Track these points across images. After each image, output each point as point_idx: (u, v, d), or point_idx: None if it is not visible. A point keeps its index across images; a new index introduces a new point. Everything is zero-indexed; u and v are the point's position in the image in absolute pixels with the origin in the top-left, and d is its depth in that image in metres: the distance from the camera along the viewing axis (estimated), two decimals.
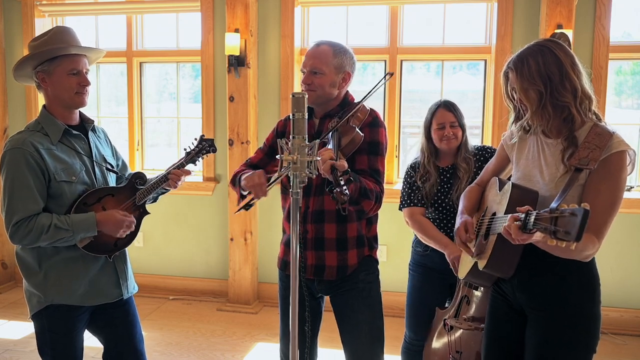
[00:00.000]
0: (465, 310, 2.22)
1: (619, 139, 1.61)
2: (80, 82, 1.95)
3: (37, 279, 1.96)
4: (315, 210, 2.01)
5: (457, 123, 2.36)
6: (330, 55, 2.00)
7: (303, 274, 2.03)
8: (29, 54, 1.94)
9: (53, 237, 1.85)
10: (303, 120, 1.54)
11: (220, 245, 4.24)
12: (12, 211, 1.85)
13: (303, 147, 1.53)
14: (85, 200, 1.95)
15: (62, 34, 1.96)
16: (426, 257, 2.43)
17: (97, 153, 2.08)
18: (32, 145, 1.87)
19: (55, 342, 1.99)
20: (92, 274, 2.00)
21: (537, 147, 1.74)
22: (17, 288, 4.51)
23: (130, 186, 2.09)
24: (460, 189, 2.31)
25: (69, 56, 1.94)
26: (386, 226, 3.93)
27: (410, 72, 4.07)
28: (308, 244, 2.02)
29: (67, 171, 1.93)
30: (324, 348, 3.41)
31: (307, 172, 1.54)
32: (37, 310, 1.97)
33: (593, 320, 1.67)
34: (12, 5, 4.35)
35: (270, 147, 2.18)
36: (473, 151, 2.41)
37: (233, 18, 3.84)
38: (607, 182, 1.58)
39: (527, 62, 1.65)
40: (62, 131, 1.96)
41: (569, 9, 3.40)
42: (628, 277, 3.41)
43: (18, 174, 1.85)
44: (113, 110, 4.63)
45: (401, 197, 2.49)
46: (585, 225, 1.26)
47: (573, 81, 1.62)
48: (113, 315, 2.09)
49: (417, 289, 2.47)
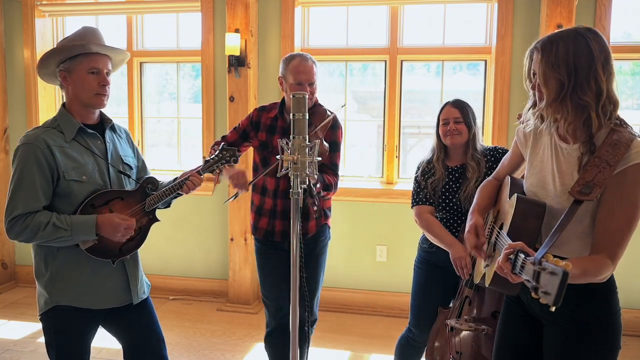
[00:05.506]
0: (467, 312, 2.22)
1: (639, 148, 1.44)
2: (100, 82, 1.93)
3: (44, 279, 1.96)
4: (284, 189, 2.48)
5: (461, 119, 2.35)
6: (315, 68, 2.52)
7: (272, 237, 2.54)
8: (50, 49, 1.95)
9: (50, 235, 1.83)
10: (303, 121, 1.55)
11: (220, 246, 4.24)
12: (12, 206, 1.85)
13: (303, 148, 1.54)
14: (92, 202, 1.93)
15: (86, 33, 1.97)
16: (432, 254, 2.43)
17: (114, 153, 2.05)
18: (44, 142, 1.86)
19: (60, 343, 1.98)
20: (99, 277, 1.98)
21: (551, 150, 1.61)
22: (17, 288, 4.51)
23: (141, 191, 2.04)
24: (469, 189, 2.31)
25: (90, 55, 1.93)
26: (386, 227, 3.95)
27: (410, 72, 4.07)
28: (277, 215, 2.51)
29: (78, 170, 1.91)
30: (324, 348, 3.42)
31: (307, 172, 1.55)
32: (44, 311, 1.97)
33: (611, 332, 1.57)
34: (12, 5, 4.35)
35: (244, 130, 2.64)
36: (484, 152, 2.39)
37: (233, 18, 3.84)
38: (623, 199, 1.44)
39: (556, 46, 1.48)
40: (77, 129, 1.95)
41: (569, 9, 3.40)
42: (628, 278, 3.42)
43: (25, 169, 1.85)
44: (113, 110, 4.63)
45: (412, 196, 2.50)
46: (564, 289, 1.14)
47: (600, 81, 1.46)
48: (127, 318, 2.07)
49: (421, 287, 2.47)
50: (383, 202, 3.91)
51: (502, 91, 3.67)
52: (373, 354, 3.37)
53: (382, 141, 4.05)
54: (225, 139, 2.68)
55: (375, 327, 3.76)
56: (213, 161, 2.13)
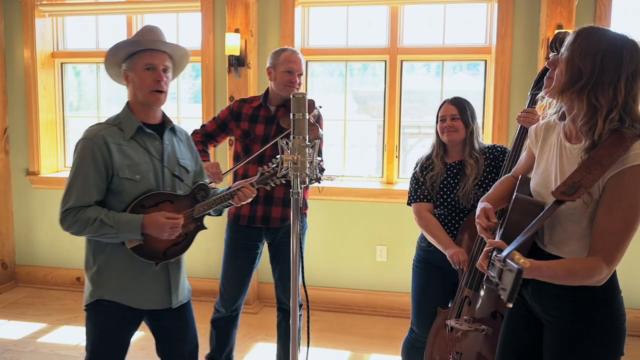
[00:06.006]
0: (467, 312, 2.21)
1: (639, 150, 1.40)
2: (155, 78, 1.94)
3: (91, 272, 1.99)
4: None
5: (458, 116, 2.36)
6: (303, 62, 2.70)
7: (254, 223, 2.68)
8: (108, 50, 1.97)
9: (97, 230, 1.86)
10: (303, 120, 1.55)
11: (220, 245, 4.22)
12: (67, 198, 1.89)
13: (303, 147, 1.54)
14: (142, 202, 1.93)
15: (144, 31, 1.99)
16: (430, 253, 2.43)
17: (171, 155, 2.04)
18: (102, 138, 1.90)
19: (97, 336, 2.00)
20: (142, 277, 1.98)
21: (557, 150, 1.59)
22: (17, 288, 4.51)
23: (192, 196, 2.03)
24: (467, 186, 2.31)
25: (146, 52, 1.94)
26: (386, 227, 3.95)
27: (410, 72, 4.07)
28: (259, 200, 2.64)
29: (132, 169, 1.92)
30: (324, 348, 3.42)
31: (307, 172, 1.55)
32: (87, 303, 2.00)
33: (612, 336, 1.53)
34: (12, 5, 4.35)
35: (223, 121, 2.80)
36: (483, 149, 2.40)
37: (233, 18, 3.84)
38: (620, 201, 1.41)
39: (591, 39, 1.45)
40: (136, 128, 1.96)
41: (569, 9, 3.41)
42: (628, 278, 3.42)
43: (82, 164, 1.89)
44: (113, 110, 4.57)
45: (409, 193, 2.50)
46: (517, 285, 1.14)
47: (617, 92, 1.42)
48: (164, 320, 2.08)
49: (421, 287, 2.47)
50: (383, 202, 3.91)
51: (502, 91, 3.67)
52: (373, 354, 3.37)
53: (382, 141, 4.05)
54: (204, 129, 2.83)
55: (375, 327, 3.76)
56: (269, 174, 2.09)
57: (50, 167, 4.52)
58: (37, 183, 4.44)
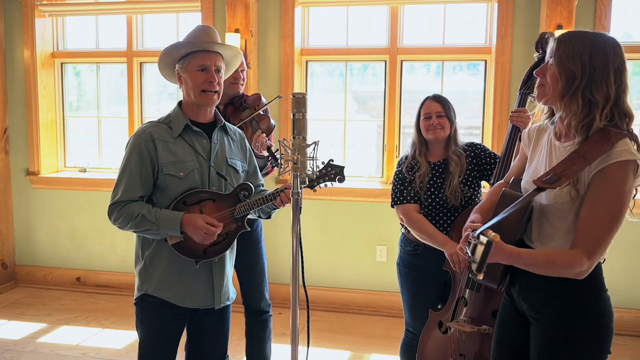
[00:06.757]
0: (462, 312, 2.20)
1: (624, 147, 1.44)
2: (207, 79, 1.95)
3: (139, 267, 2.03)
4: None
5: (443, 113, 2.37)
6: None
7: None
8: (162, 50, 2.00)
9: (139, 226, 1.90)
10: (303, 120, 1.55)
11: None
12: (115, 192, 1.94)
13: (303, 147, 1.54)
14: (185, 199, 1.95)
15: (197, 32, 2.02)
16: (417, 256, 2.41)
17: (219, 154, 2.04)
18: (149, 135, 1.94)
19: (144, 332, 2.03)
20: (185, 275, 1.99)
21: (547, 149, 1.63)
22: (17, 288, 4.51)
23: (235, 196, 2.01)
24: (453, 184, 2.32)
25: (199, 52, 1.96)
26: (386, 227, 3.95)
27: (410, 72, 4.07)
28: None
29: (176, 166, 1.94)
30: (324, 348, 3.42)
31: (307, 172, 1.56)
32: (135, 297, 2.04)
33: (597, 334, 1.54)
34: (12, 5, 4.35)
35: None
36: (464, 147, 2.42)
37: (233, 18, 3.84)
38: (603, 196, 1.45)
39: (575, 41, 1.50)
40: (184, 126, 1.98)
41: (569, 9, 3.41)
42: (628, 278, 3.41)
43: (129, 159, 1.93)
44: (113, 110, 4.63)
45: (392, 194, 2.45)
46: (487, 256, 1.18)
47: (609, 86, 1.47)
48: (202, 321, 2.09)
49: (414, 294, 2.45)
50: (383, 202, 3.90)
51: (502, 91, 3.67)
52: (373, 354, 3.37)
53: (382, 141, 4.05)
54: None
55: (375, 327, 3.76)
56: (316, 177, 1.97)
57: (50, 167, 4.52)
58: (37, 183, 4.44)
